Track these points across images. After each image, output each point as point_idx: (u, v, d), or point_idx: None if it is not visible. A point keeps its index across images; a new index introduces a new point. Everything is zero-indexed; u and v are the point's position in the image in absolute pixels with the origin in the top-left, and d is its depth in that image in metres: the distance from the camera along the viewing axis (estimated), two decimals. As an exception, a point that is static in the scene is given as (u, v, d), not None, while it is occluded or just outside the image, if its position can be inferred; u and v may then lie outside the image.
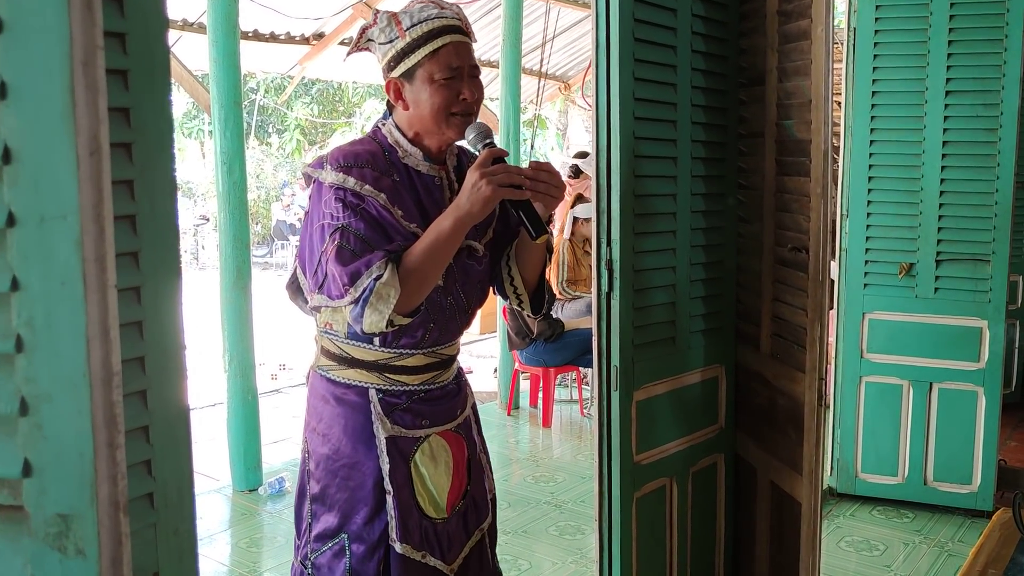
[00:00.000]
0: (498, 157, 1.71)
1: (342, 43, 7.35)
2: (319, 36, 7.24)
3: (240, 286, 4.07)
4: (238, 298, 4.08)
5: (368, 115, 16.92)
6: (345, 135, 17.03)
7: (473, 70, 1.79)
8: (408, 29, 1.75)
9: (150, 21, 1.07)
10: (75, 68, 0.65)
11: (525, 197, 1.71)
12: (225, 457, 4.24)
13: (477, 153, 1.75)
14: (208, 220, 14.52)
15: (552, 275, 5.31)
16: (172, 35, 6.11)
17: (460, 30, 1.78)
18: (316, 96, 17.69)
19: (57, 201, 0.66)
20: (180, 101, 15.09)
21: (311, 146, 17.90)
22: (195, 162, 16.73)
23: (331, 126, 17.69)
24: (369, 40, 1.82)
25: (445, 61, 1.74)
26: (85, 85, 0.65)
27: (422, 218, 1.79)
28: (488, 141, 1.75)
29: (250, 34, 6.61)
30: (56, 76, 0.64)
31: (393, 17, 1.78)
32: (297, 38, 7.18)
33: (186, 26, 6.17)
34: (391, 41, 1.77)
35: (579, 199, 5.39)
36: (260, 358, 4.75)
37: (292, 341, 7.78)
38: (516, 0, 5.37)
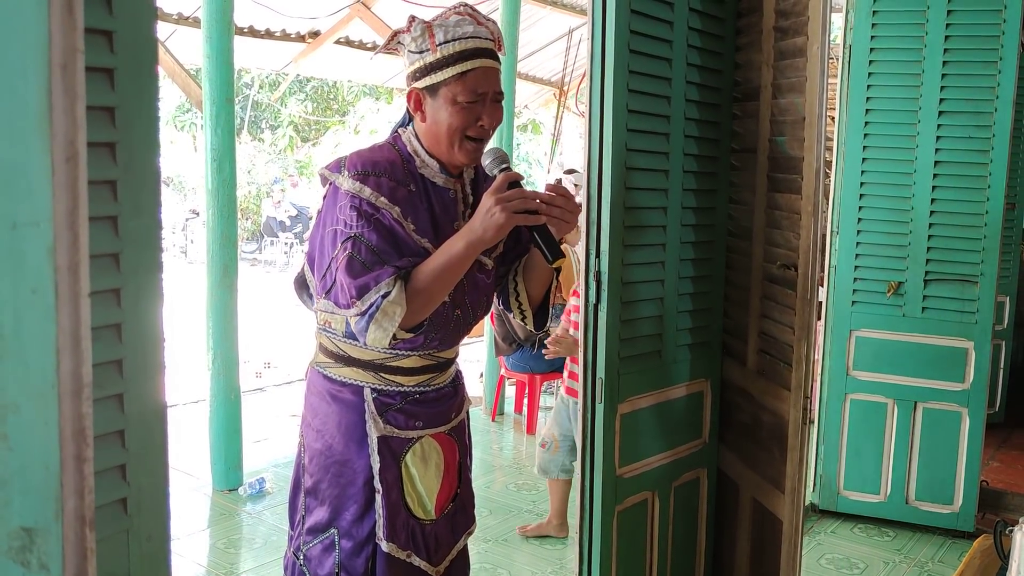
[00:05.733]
0: (514, 182, 1.71)
1: (337, 42, 7.34)
2: (314, 34, 7.22)
3: (226, 284, 4.04)
4: (224, 296, 4.05)
5: (362, 114, 16.86)
6: (338, 133, 16.98)
7: (497, 96, 1.78)
8: (440, 45, 1.74)
9: (139, 19, 1.05)
10: (53, 71, 0.63)
11: (540, 223, 1.71)
12: (206, 455, 4.21)
13: (494, 176, 1.75)
14: (198, 214, 14.43)
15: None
16: (166, 29, 6.07)
17: (492, 53, 1.78)
18: (310, 93, 17.62)
19: (30, 207, 0.64)
20: (173, 94, 15.01)
21: (304, 143, 17.83)
22: (187, 155, 16.62)
23: (325, 124, 17.63)
24: (399, 43, 1.82)
25: (471, 85, 1.74)
26: (63, 89, 0.63)
27: (434, 231, 1.80)
28: (504, 166, 1.76)
29: (245, 30, 6.59)
30: (32, 79, 0.62)
31: (428, 28, 1.76)
32: (292, 36, 7.17)
33: (180, 20, 6.13)
34: (421, 52, 1.76)
35: None
36: (245, 355, 4.71)
37: (278, 338, 7.75)
38: (514, 5, 5.37)
